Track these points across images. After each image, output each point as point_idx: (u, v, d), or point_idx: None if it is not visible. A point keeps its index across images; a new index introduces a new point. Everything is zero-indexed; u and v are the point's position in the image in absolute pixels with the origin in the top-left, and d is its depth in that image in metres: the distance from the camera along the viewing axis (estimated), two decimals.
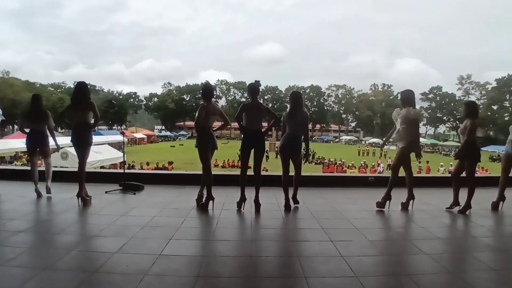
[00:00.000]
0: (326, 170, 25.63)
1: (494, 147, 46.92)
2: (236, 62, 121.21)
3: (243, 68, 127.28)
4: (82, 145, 5.07)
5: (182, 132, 78.85)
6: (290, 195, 5.06)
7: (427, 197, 5.35)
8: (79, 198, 4.94)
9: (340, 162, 29.34)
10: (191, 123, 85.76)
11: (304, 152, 5.08)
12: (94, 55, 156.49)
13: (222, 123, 5.41)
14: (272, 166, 25.29)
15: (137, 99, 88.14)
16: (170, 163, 23.85)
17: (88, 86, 5.35)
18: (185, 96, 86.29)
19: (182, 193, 5.86)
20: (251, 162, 4.88)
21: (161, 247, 3.31)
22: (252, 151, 4.82)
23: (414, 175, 5.17)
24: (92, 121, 5.10)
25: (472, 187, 4.95)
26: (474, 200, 4.96)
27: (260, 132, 4.93)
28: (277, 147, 5.43)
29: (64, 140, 10.61)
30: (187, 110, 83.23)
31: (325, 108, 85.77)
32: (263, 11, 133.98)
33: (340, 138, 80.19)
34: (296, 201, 5.14)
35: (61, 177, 6.47)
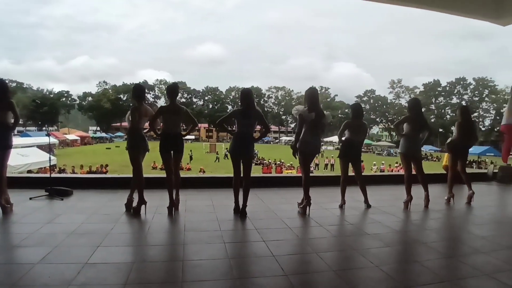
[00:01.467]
0: (266, 170, 26.02)
1: (424, 146, 50.83)
2: (176, 61, 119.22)
3: (182, 68, 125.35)
4: (1, 148, 4.68)
5: (119, 133, 75.66)
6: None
7: (359, 195, 5.60)
8: None
9: (279, 162, 29.95)
10: (127, 124, 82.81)
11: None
12: (21, 50, 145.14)
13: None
14: (212, 168, 25.26)
15: (69, 98, 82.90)
16: (105, 166, 22.85)
17: (10, 84, 4.96)
18: (121, 96, 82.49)
19: (114, 198, 5.64)
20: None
21: (87, 255, 3.17)
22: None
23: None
24: (12, 121, 4.73)
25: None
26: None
27: (179, 135, 4.86)
28: (226, 149, 5.23)
29: None
30: (124, 110, 79.63)
31: (265, 109, 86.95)
32: (204, 11, 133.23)
33: (280, 139, 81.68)
34: (243, 213, 4.74)
35: None
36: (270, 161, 31.35)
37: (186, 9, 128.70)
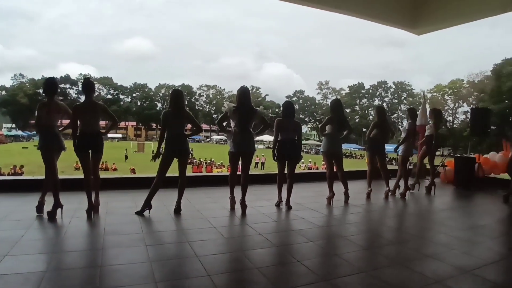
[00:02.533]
0: (196, 169, 25.74)
1: (347, 145, 54.01)
2: (102, 55, 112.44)
3: (109, 63, 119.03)
4: None
5: None
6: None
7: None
8: None
9: (209, 161, 29.81)
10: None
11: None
12: None
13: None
14: (142, 167, 24.42)
15: None
16: (21, 167, 21.05)
17: None
18: (41, 91, 76.07)
19: (27, 201, 5.13)
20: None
21: None
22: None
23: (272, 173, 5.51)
24: None
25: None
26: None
27: (97, 134, 4.58)
28: (162, 148, 4.93)
29: None
30: None
31: (196, 107, 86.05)
32: (133, 4, 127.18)
33: (211, 137, 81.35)
34: (178, 209, 4.81)
35: None
36: (201, 160, 31.05)
37: (114, 1, 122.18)
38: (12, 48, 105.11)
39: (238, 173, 5.25)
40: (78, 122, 4.50)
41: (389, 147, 7.66)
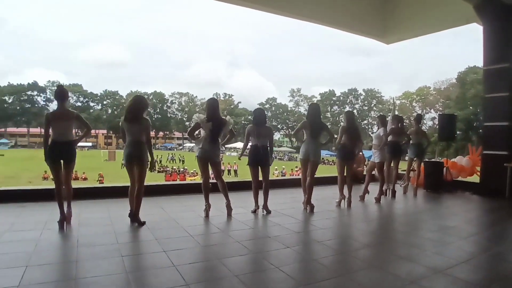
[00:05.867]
0: (169, 178, 25.41)
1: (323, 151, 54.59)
2: (71, 61, 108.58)
3: (78, 69, 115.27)
4: None
5: (3, 140, 67.34)
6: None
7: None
8: None
9: (182, 169, 29.52)
10: (14, 130, 73.96)
11: (149, 160, 4.78)
12: None
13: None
14: (112, 177, 23.91)
15: None
16: None
17: None
18: (6, 98, 73.08)
19: None
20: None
21: None
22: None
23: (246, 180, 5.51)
24: None
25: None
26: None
27: (69, 143, 4.46)
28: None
29: None
30: (10, 114, 71.24)
31: (169, 115, 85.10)
32: (104, 10, 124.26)
33: (184, 145, 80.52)
34: (139, 221, 4.57)
35: None
36: (174, 168, 30.69)
37: (83, 6, 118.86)
38: None
39: (211, 180, 5.33)
40: (50, 131, 4.38)
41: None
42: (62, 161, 4.44)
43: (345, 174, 6.34)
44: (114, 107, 79.75)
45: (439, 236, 4.49)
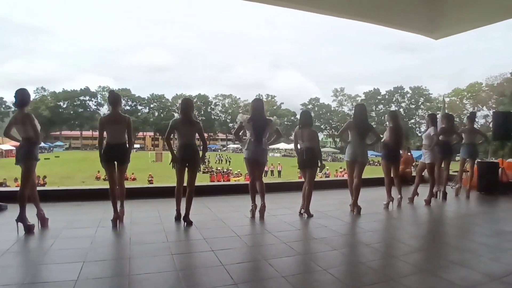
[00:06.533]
0: (214, 179, 25.84)
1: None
2: (119, 67, 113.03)
3: (126, 74, 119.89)
4: None
5: (58, 143, 71.47)
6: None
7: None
8: None
9: (226, 170, 29.90)
10: (68, 133, 78.43)
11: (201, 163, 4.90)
12: None
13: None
14: (159, 177, 24.68)
15: (3, 106, 76.54)
16: (43, 177, 21.51)
17: None
18: (61, 103, 77.82)
19: (52, 212, 5.25)
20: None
21: (25, 276, 2.95)
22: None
23: (291, 181, 5.51)
24: None
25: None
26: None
27: (123, 145, 4.69)
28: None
29: None
30: (64, 118, 75.64)
31: (213, 117, 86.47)
32: (149, 17, 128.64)
33: (228, 146, 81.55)
34: (188, 221, 4.66)
35: None
36: (219, 169, 31.19)
37: (129, 14, 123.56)
38: (32, 62, 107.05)
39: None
40: (105, 134, 4.63)
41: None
42: (116, 162, 4.67)
43: (392, 176, 6.20)
44: (161, 110, 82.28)
45: (495, 241, 4.26)
